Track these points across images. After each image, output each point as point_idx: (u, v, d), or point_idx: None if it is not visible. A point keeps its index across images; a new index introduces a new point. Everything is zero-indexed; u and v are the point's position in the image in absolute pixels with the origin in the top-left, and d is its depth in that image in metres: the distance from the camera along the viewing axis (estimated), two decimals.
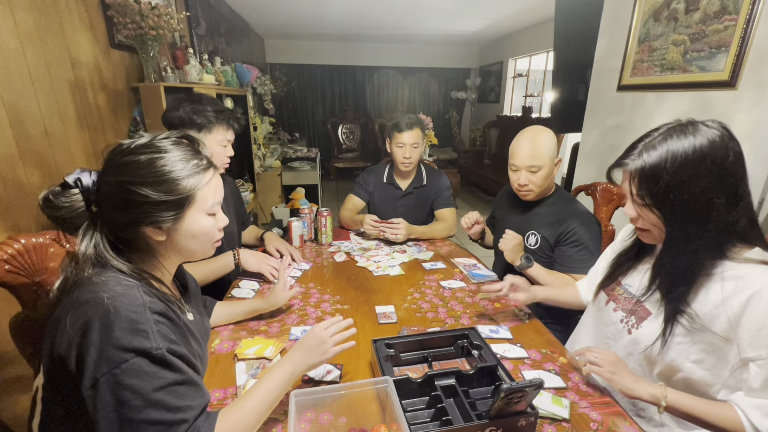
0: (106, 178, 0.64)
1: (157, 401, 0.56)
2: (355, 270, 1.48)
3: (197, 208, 0.69)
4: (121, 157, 0.64)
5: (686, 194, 0.73)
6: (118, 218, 0.64)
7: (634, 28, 1.82)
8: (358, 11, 4.28)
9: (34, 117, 1.33)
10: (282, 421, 0.77)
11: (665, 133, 0.76)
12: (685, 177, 0.72)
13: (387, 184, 1.95)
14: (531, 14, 4.47)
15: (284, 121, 6.46)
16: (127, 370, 0.55)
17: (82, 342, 0.55)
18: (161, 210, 0.64)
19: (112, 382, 0.54)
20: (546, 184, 1.33)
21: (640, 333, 0.87)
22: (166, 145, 0.67)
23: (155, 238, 0.67)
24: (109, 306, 0.57)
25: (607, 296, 0.99)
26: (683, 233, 0.76)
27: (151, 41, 1.83)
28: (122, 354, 0.55)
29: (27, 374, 1.20)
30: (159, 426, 0.56)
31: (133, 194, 0.62)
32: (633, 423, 0.78)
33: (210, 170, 0.71)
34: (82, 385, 0.55)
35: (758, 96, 1.34)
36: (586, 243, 1.26)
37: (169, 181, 0.64)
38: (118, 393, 0.55)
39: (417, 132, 1.78)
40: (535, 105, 5.30)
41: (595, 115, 2.16)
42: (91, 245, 0.63)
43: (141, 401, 0.55)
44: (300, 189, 4.24)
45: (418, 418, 0.78)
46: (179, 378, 0.60)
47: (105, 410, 0.54)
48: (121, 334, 0.55)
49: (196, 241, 0.72)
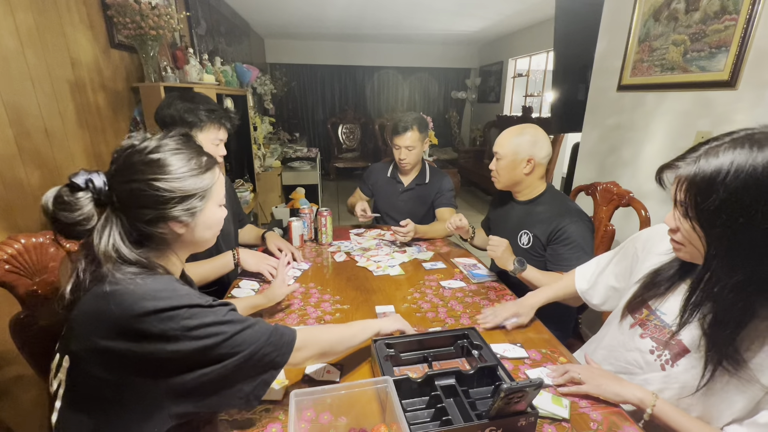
0: (127, 178, 0.65)
1: (228, 321, 0.66)
2: (355, 270, 1.48)
3: (213, 200, 0.74)
4: (139, 157, 0.66)
5: (742, 217, 0.61)
6: (144, 215, 0.66)
7: (634, 28, 1.82)
8: (358, 11, 4.27)
9: (34, 117, 1.33)
10: (282, 420, 0.77)
11: (737, 141, 0.63)
12: (746, 198, 0.60)
13: (390, 178, 2.02)
14: (531, 14, 4.47)
15: (284, 121, 6.45)
16: (191, 316, 0.62)
17: (134, 319, 0.59)
18: (187, 203, 0.68)
19: (186, 331, 0.61)
20: (510, 177, 1.38)
21: (677, 372, 0.78)
22: (176, 144, 0.70)
23: (177, 231, 0.70)
24: (145, 286, 0.62)
25: (633, 319, 0.89)
26: (729, 263, 0.65)
27: (151, 41, 1.83)
28: (179, 310, 0.61)
29: (27, 374, 1.20)
30: (246, 331, 0.67)
31: (160, 190, 0.65)
32: (633, 423, 0.78)
33: (216, 166, 0.76)
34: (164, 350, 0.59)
35: (758, 96, 1.34)
36: (578, 241, 1.26)
37: (190, 177, 0.69)
38: (196, 334, 0.61)
39: (413, 134, 1.81)
40: (535, 105, 5.30)
41: (595, 115, 2.16)
42: (110, 243, 0.64)
43: (216, 328, 0.64)
44: (300, 189, 4.24)
45: (418, 418, 0.78)
46: (232, 306, 0.70)
47: (198, 353, 0.62)
48: (169, 300, 0.61)
49: (210, 232, 0.77)
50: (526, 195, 1.43)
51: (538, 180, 1.40)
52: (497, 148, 1.37)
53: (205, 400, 0.65)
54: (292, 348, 0.74)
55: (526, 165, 1.34)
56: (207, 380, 0.63)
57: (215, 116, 1.28)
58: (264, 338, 0.70)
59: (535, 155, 1.33)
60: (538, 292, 1.18)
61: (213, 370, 0.63)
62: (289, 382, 0.88)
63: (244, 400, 0.68)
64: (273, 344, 0.71)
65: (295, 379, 0.89)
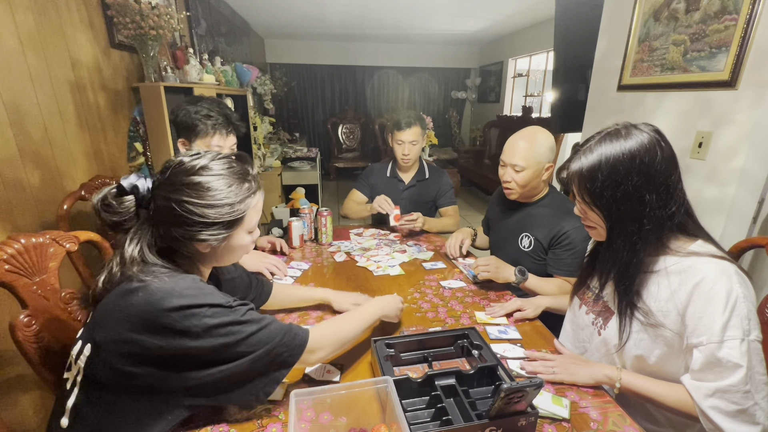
0: (166, 193, 0.69)
1: (247, 321, 0.69)
2: (355, 270, 1.48)
3: (243, 228, 0.76)
4: (184, 176, 0.69)
5: (619, 192, 0.79)
6: (171, 232, 0.69)
7: (634, 28, 1.82)
8: (359, 11, 4.27)
9: (34, 117, 1.33)
10: (282, 420, 0.77)
11: (601, 138, 0.83)
12: (618, 176, 0.78)
13: (390, 177, 2.02)
14: (531, 14, 4.47)
15: (284, 121, 6.45)
16: (212, 315, 0.65)
17: (160, 313, 0.62)
18: (213, 230, 0.70)
19: (208, 329, 0.64)
20: (530, 185, 1.33)
21: (607, 333, 0.92)
22: (221, 168, 0.72)
23: (201, 250, 0.73)
24: (171, 283, 0.66)
25: (579, 300, 1.03)
26: (621, 229, 0.82)
27: (151, 41, 1.83)
28: (202, 309, 0.65)
29: (27, 374, 1.20)
30: (262, 331, 0.70)
31: (190, 213, 0.67)
32: (633, 423, 0.78)
33: (258, 193, 0.77)
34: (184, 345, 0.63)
35: (758, 96, 1.34)
36: (580, 246, 1.26)
37: (225, 205, 0.70)
38: (216, 332, 0.65)
39: (416, 129, 1.85)
40: (535, 105, 5.30)
41: (595, 115, 2.16)
42: (137, 249, 0.69)
43: (236, 328, 0.67)
44: (300, 189, 4.24)
45: (418, 418, 0.78)
46: (252, 306, 0.73)
47: (215, 351, 0.65)
48: (194, 298, 0.65)
49: (233, 255, 0.79)
50: (529, 198, 1.41)
51: (544, 182, 1.39)
52: (518, 161, 1.28)
53: (219, 395, 0.70)
54: (303, 349, 0.76)
55: (546, 172, 1.32)
56: (222, 377, 0.67)
57: (210, 121, 1.28)
58: (278, 338, 0.73)
59: (552, 159, 1.32)
60: (547, 296, 1.22)
61: (228, 367, 0.67)
62: (289, 381, 0.88)
63: (254, 396, 0.72)
64: (286, 345, 0.74)
65: (295, 379, 0.89)
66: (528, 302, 1.16)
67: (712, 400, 0.74)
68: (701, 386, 0.75)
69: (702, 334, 0.74)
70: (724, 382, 0.72)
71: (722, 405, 0.73)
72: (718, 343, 0.72)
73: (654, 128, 0.81)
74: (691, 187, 1.42)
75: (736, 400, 0.72)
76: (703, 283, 0.75)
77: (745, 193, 1.43)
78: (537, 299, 1.18)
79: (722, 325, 0.72)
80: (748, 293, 0.74)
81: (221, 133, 1.30)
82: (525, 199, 1.41)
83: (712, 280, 0.74)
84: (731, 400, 0.72)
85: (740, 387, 0.71)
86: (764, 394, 0.73)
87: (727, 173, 1.45)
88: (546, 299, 1.19)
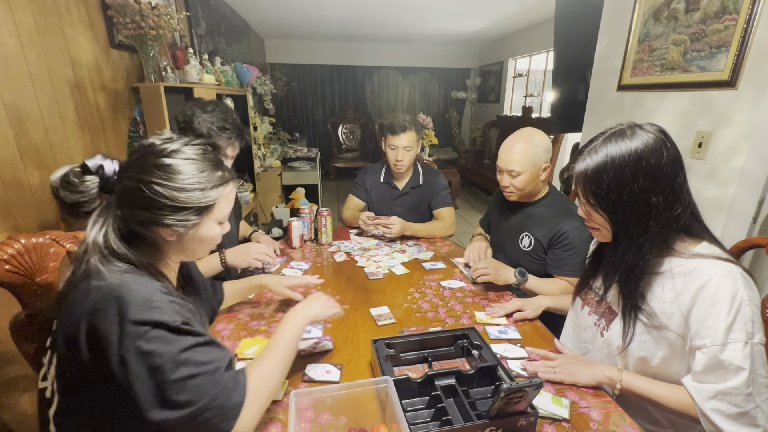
0: (134, 174, 0.65)
1: (186, 360, 0.60)
2: (355, 270, 1.48)
3: (212, 217, 0.72)
4: (153, 157, 0.66)
5: (626, 194, 0.78)
6: (136, 215, 0.66)
7: (634, 28, 1.82)
8: (358, 11, 4.27)
9: (34, 117, 1.33)
10: (282, 420, 0.77)
11: (606, 138, 0.81)
12: (624, 178, 0.77)
13: (384, 183, 1.94)
14: (531, 14, 4.47)
15: (284, 121, 6.45)
16: (151, 339, 0.58)
17: (100, 325, 0.57)
18: (181, 215, 0.67)
19: (140, 353, 0.57)
20: (529, 188, 1.33)
21: (610, 335, 0.91)
22: (194, 153, 0.69)
23: (166, 238, 0.69)
24: (122, 288, 0.60)
25: (582, 301, 1.02)
26: (627, 231, 0.81)
27: (151, 41, 1.83)
28: (142, 327, 0.58)
29: (27, 374, 1.20)
30: (194, 379, 0.60)
31: (158, 195, 0.64)
32: (633, 423, 0.78)
33: (231, 183, 0.74)
34: (110, 364, 0.57)
35: (758, 96, 1.34)
36: (579, 246, 1.25)
37: (195, 190, 0.67)
38: (148, 361, 0.57)
39: (410, 135, 1.75)
40: (535, 105, 5.30)
41: (595, 115, 2.16)
42: (101, 234, 0.64)
43: (171, 363, 0.59)
44: (300, 189, 4.24)
45: (418, 418, 0.78)
46: (201, 340, 0.64)
47: (140, 381, 0.57)
48: (137, 311, 0.58)
49: (200, 246, 0.75)
50: (529, 198, 1.41)
51: (543, 182, 1.39)
52: (513, 166, 1.28)
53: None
54: (238, 412, 0.64)
55: (543, 172, 1.32)
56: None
57: (226, 134, 1.28)
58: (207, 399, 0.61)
59: (548, 159, 1.31)
60: (547, 297, 1.21)
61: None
62: (289, 381, 0.88)
63: None
64: (218, 408, 0.62)
65: (295, 379, 0.89)
66: (528, 302, 1.16)
67: (713, 402, 0.73)
68: (702, 388, 0.75)
69: (705, 336, 0.74)
70: (726, 384, 0.72)
71: (723, 407, 0.72)
72: (721, 346, 0.72)
73: (659, 128, 0.80)
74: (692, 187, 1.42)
75: (737, 402, 0.71)
76: (708, 285, 0.74)
77: (745, 193, 1.43)
78: (537, 299, 1.18)
79: (726, 327, 0.72)
80: (752, 296, 0.74)
81: (233, 145, 1.32)
82: (525, 199, 1.40)
83: (717, 283, 0.74)
84: (733, 403, 0.72)
85: (742, 390, 0.71)
86: (766, 396, 0.72)
87: (727, 173, 1.45)
88: (546, 299, 1.19)
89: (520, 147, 1.29)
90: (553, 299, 1.19)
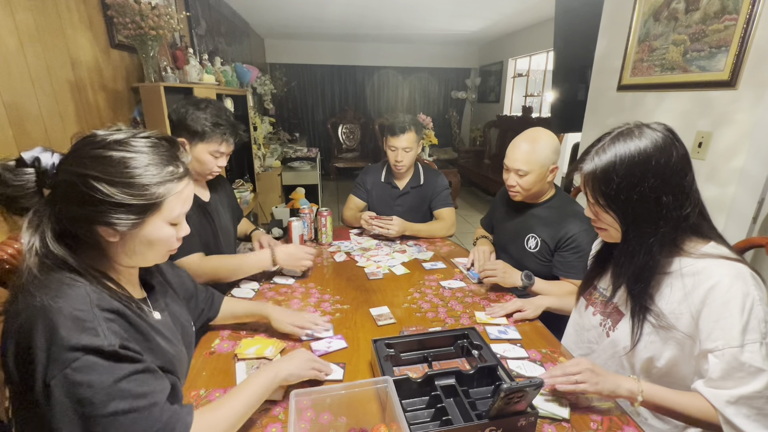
0: (70, 166, 0.60)
1: (121, 391, 0.54)
2: (355, 270, 1.48)
3: (161, 216, 0.65)
4: (91, 148, 0.60)
5: (636, 194, 0.77)
6: (70, 211, 0.60)
7: (634, 28, 1.82)
8: (359, 11, 4.27)
9: (34, 117, 1.33)
10: (282, 420, 0.77)
11: (614, 137, 0.80)
12: (634, 178, 0.77)
13: (384, 183, 1.95)
14: (531, 14, 4.47)
15: (284, 121, 6.45)
16: (79, 368, 0.52)
17: (28, 347, 0.52)
18: (121, 212, 0.60)
19: (66, 383, 0.51)
20: (535, 188, 1.32)
21: (616, 335, 0.90)
22: (143, 145, 0.63)
23: (107, 238, 0.63)
24: (51, 306, 0.54)
25: (586, 301, 1.02)
26: (637, 231, 0.80)
27: (151, 41, 1.83)
28: (71, 353, 0.52)
29: None
30: (130, 415, 0.54)
31: (94, 190, 0.58)
32: (632, 422, 0.78)
33: (184, 179, 0.68)
34: (34, 392, 0.52)
35: (758, 96, 1.34)
36: (587, 249, 1.24)
37: (137, 185, 0.61)
38: (74, 392, 0.52)
39: (410, 136, 1.75)
40: (535, 105, 5.30)
41: (595, 115, 2.16)
42: (36, 235, 0.59)
43: (103, 395, 0.53)
44: (300, 189, 4.24)
45: (418, 418, 0.78)
46: (139, 367, 0.58)
47: (63, 413, 0.51)
48: (66, 334, 0.52)
49: (150, 249, 0.68)
50: (535, 198, 1.40)
51: (549, 183, 1.38)
52: (521, 165, 1.27)
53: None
54: None
55: (550, 174, 1.31)
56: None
57: (219, 130, 1.26)
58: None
59: (556, 161, 1.31)
60: (547, 297, 1.21)
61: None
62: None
63: None
64: None
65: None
66: (528, 302, 1.16)
67: (736, 407, 0.71)
68: (721, 394, 0.72)
69: (718, 338, 0.72)
70: (748, 388, 0.70)
71: (748, 412, 0.71)
72: (739, 347, 0.70)
73: (666, 127, 0.80)
74: None
75: (760, 405, 0.70)
76: (719, 285, 0.73)
77: (745, 193, 1.43)
78: (537, 299, 1.18)
79: (741, 328, 0.70)
80: (763, 295, 0.73)
81: (228, 141, 1.30)
82: (531, 200, 1.40)
83: (727, 284, 0.73)
84: (756, 406, 0.70)
85: (765, 392, 0.70)
86: None
87: (727, 173, 1.45)
88: (546, 299, 1.18)
89: (529, 147, 1.27)
90: (554, 299, 1.19)
